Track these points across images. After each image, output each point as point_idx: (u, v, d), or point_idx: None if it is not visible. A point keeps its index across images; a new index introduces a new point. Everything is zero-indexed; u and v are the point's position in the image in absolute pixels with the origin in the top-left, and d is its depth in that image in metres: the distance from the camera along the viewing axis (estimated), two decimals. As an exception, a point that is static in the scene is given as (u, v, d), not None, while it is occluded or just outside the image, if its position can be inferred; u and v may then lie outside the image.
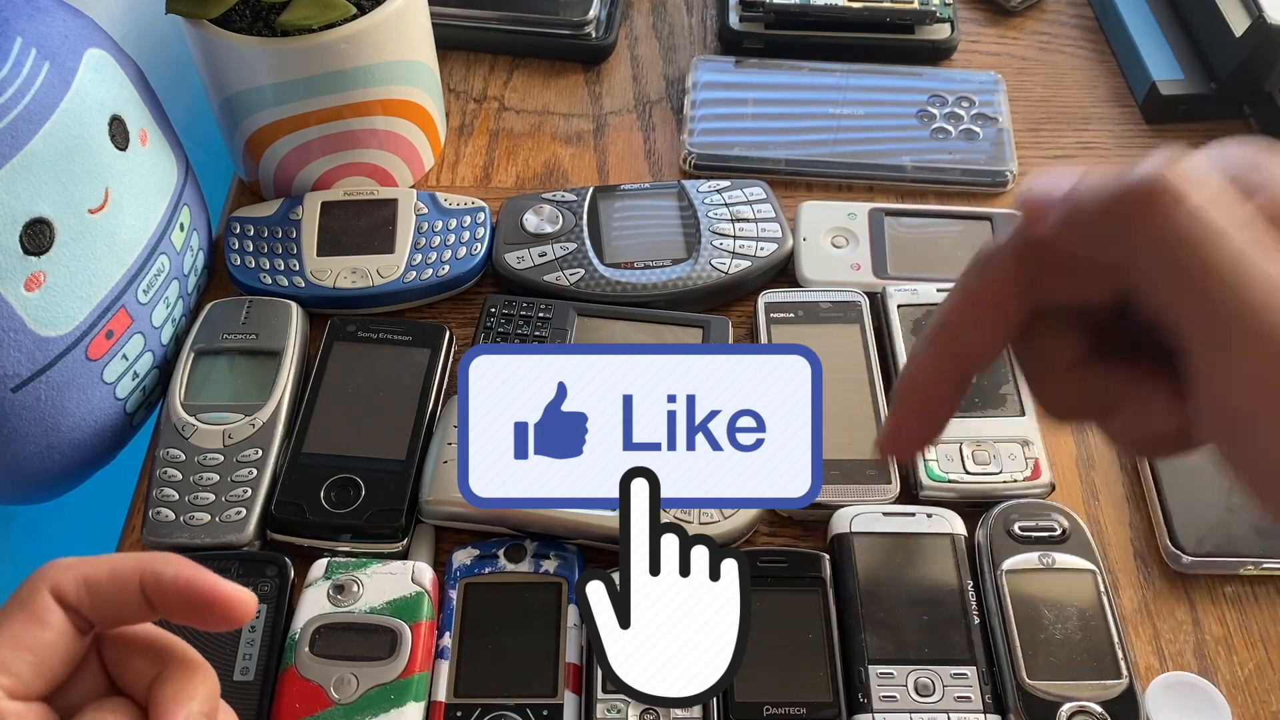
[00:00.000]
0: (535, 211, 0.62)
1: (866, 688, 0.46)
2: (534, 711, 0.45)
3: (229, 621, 0.30)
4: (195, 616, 0.30)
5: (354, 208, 0.62)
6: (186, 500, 0.51)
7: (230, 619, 0.30)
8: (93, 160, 0.49)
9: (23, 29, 0.47)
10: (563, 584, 0.49)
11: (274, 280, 0.60)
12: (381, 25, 0.57)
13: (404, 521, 0.51)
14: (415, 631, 0.47)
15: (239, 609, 0.30)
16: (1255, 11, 0.64)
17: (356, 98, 0.60)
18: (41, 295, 0.47)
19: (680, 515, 0.50)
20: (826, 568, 0.49)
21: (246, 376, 0.56)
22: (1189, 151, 0.24)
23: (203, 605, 0.30)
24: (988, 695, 0.46)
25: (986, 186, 0.66)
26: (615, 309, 0.58)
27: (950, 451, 0.53)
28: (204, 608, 0.30)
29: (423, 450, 0.53)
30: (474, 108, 0.72)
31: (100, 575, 0.29)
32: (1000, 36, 0.77)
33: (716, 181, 0.64)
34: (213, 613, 0.30)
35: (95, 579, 0.29)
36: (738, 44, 0.74)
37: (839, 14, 0.72)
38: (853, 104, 0.70)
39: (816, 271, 0.60)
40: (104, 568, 0.29)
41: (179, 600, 0.29)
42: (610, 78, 0.74)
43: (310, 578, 0.49)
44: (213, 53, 0.58)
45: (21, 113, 0.45)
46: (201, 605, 0.30)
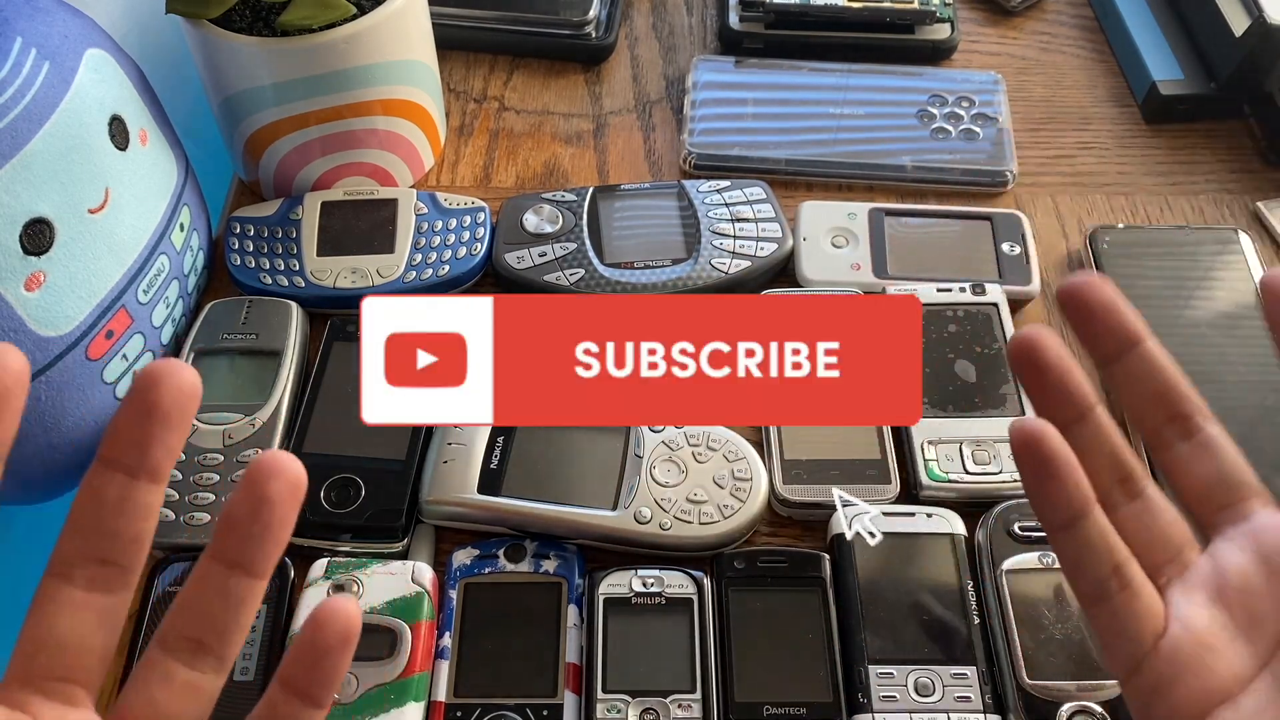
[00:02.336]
0: (535, 211, 0.62)
1: (866, 688, 0.46)
2: (534, 711, 0.45)
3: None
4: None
5: (354, 208, 0.62)
6: (186, 500, 0.51)
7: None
8: (93, 160, 0.49)
9: (23, 29, 0.47)
10: (563, 584, 0.49)
11: (274, 280, 0.60)
12: (381, 25, 0.58)
13: (404, 521, 0.51)
14: (415, 631, 0.47)
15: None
16: (1255, 11, 0.64)
17: (356, 98, 0.60)
18: (41, 295, 0.47)
19: (680, 515, 0.50)
20: (826, 568, 0.49)
21: (246, 376, 0.56)
22: None
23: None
24: (988, 695, 0.46)
25: (986, 186, 0.66)
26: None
27: (950, 451, 0.53)
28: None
29: (423, 450, 0.53)
30: (474, 108, 0.72)
31: None
32: (1000, 36, 0.77)
33: (716, 181, 0.64)
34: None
35: None
36: (738, 44, 0.74)
37: (839, 14, 0.72)
38: (853, 104, 0.70)
39: (817, 271, 0.60)
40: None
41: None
42: (610, 78, 0.74)
43: (310, 578, 0.49)
44: (213, 53, 0.58)
45: (21, 113, 0.45)
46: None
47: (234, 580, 0.27)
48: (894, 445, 0.54)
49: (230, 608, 0.27)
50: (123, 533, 0.26)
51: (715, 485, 0.51)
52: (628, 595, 0.48)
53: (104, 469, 0.26)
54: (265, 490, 0.26)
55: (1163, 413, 0.32)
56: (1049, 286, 0.62)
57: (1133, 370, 0.32)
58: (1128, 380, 0.32)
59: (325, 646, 0.27)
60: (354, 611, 0.27)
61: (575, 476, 0.52)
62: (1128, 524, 0.31)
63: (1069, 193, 0.67)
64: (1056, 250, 0.64)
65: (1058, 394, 0.31)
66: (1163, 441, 0.32)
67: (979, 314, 0.58)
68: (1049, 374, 0.31)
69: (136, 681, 0.27)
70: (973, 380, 0.56)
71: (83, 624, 0.26)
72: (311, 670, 0.28)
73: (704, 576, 0.49)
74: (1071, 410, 0.31)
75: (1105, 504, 0.31)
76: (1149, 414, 0.32)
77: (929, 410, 0.54)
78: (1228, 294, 0.59)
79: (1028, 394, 0.32)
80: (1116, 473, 0.32)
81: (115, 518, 0.26)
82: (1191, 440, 0.32)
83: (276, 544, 0.27)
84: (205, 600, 0.27)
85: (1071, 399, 0.31)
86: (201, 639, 0.27)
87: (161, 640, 0.27)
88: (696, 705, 0.45)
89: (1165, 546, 0.31)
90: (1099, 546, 0.30)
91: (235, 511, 0.27)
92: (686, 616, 0.48)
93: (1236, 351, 0.57)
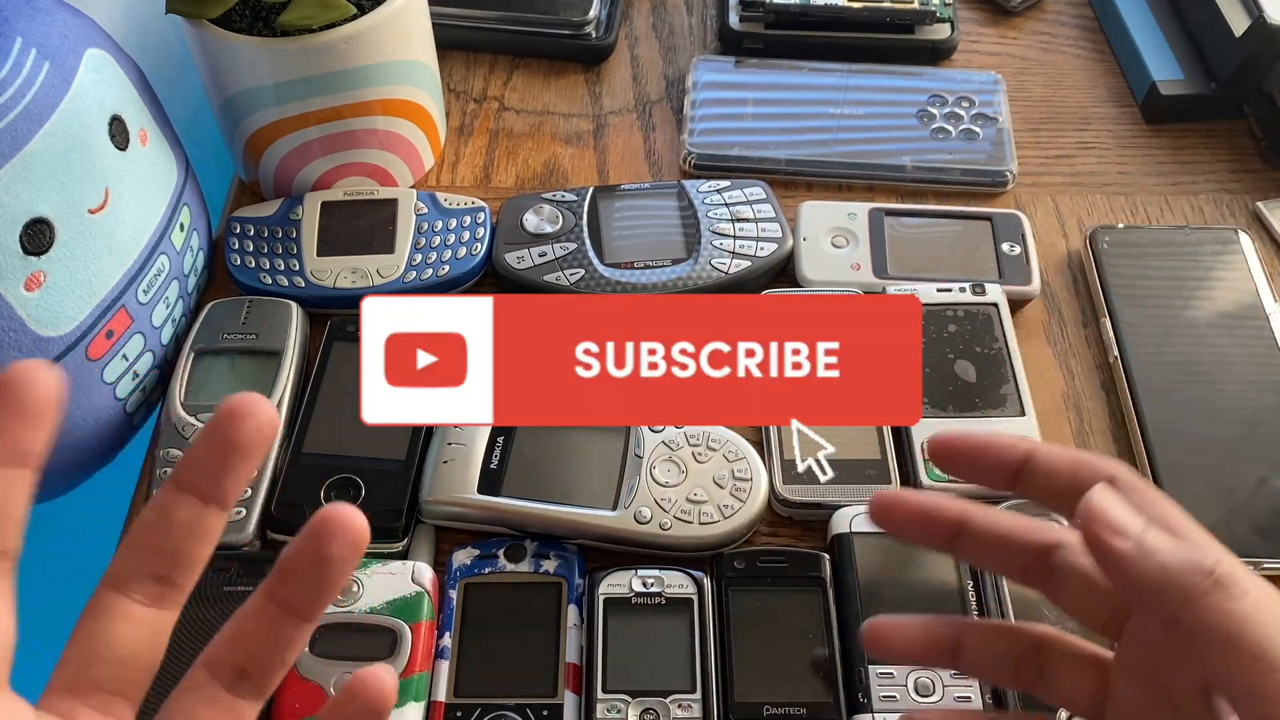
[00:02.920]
0: (535, 211, 0.62)
1: (866, 688, 0.46)
2: (534, 711, 0.45)
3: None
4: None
5: (354, 208, 0.62)
6: (186, 500, 0.51)
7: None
8: (93, 160, 0.49)
9: (23, 29, 0.47)
10: (563, 584, 0.49)
11: (274, 280, 0.60)
12: (381, 25, 0.58)
13: (404, 521, 0.51)
14: (415, 631, 0.47)
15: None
16: (1255, 11, 0.64)
17: (356, 98, 0.60)
18: (41, 295, 0.47)
19: (680, 515, 0.50)
20: (826, 568, 0.49)
21: (246, 376, 0.56)
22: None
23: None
24: (988, 695, 0.46)
25: (986, 186, 0.66)
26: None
27: (950, 451, 0.53)
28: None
29: (423, 450, 0.53)
30: (474, 108, 0.72)
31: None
32: (1000, 36, 0.77)
33: (716, 181, 0.64)
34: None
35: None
36: (738, 44, 0.74)
37: (839, 14, 0.72)
38: (853, 104, 0.70)
39: (816, 271, 0.60)
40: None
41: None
42: (610, 78, 0.74)
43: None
44: (213, 53, 0.58)
45: (21, 113, 0.45)
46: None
47: (286, 623, 0.27)
48: (894, 445, 0.54)
49: (279, 647, 0.28)
50: (186, 553, 0.27)
51: (715, 485, 0.51)
52: (628, 595, 0.48)
53: (177, 491, 0.27)
54: (327, 549, 0.27)
55: (1022, 560, 0.34)
56: (1049, 286, 0.62)
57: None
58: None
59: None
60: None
61: (575, 476, 0.52)
62: (1043, 696, 0.35)
63: (1069, 193, 0.67)
64: (1056, 250, 0.64)
65: (927, 525, 0.34)
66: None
67: (979, 314, 0.58)
68: (910, 522, 0.34)
69: (181, 699, 0.28)
70: (973, 380, 0.56)
71: (136, 638, 0.27)
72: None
73: (704, 576, 0.49)
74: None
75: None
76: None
77: (929, 410, 0.54)
78: (1228, 294, 0.59)
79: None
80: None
81: (183, 539, 0.27)
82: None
83: (331, 595, 0.28)
84: (256, 636, 0.28)
85: (936, 533, 0.34)
86: (247, 669, 0.28)
87: (209, 664, 0.28)
88: (696, 705, 0.45)
89: (1077, 700, 0.34)
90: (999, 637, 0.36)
91: (295, 562, 0.27)
92: (686, 616, 0.48)
93: (1236, 351, 0.57)
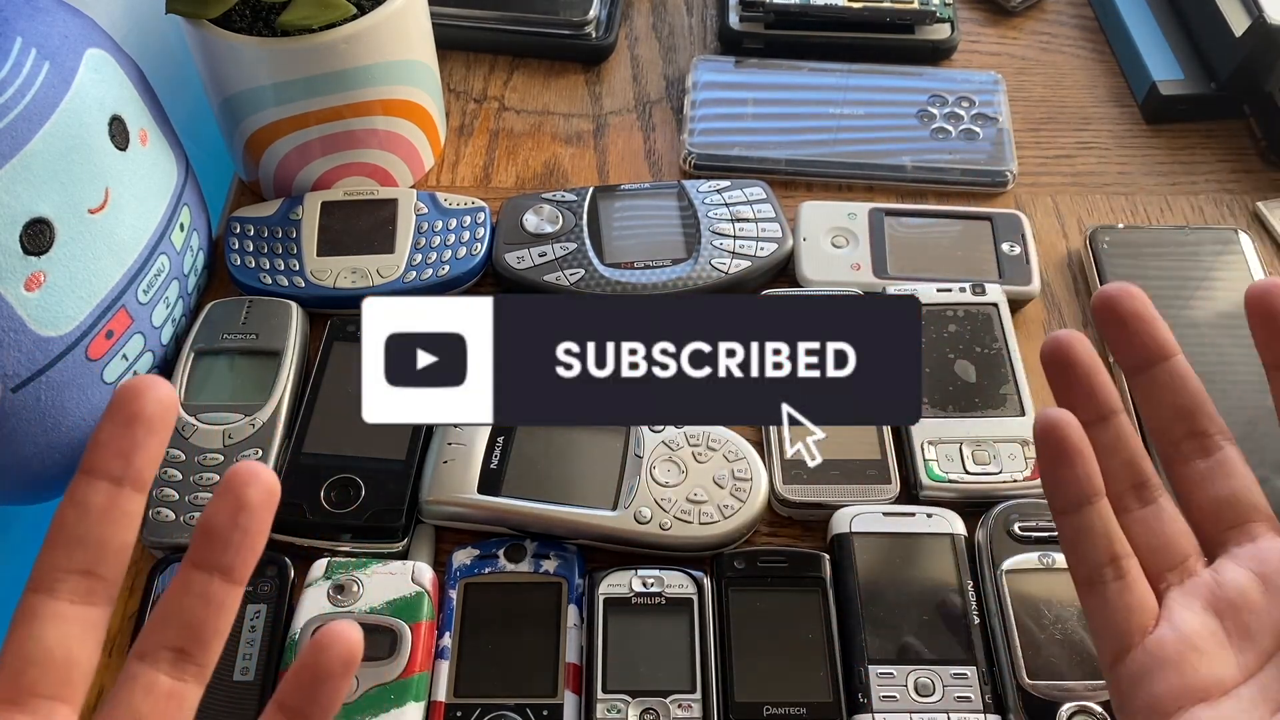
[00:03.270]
0: (535, 211, 0.62)
1: (866, 688, 0.46)
2: (534, 711, 0.45)
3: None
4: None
5: (354, 208, 0.62)
6: (186, 500, 0.51)
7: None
8: (93, 160, 0.49)
9: (23, 29, 0.47)
10: (563, 584, 0.49)
11: (274, 280, 0.60)
12: (381, 25, 0.58)
13: (404, 521, 0.51)
14: (415, 631, 0.47)
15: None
16: (1255, 11, 0.64)
17: (356, 98, 0.60)
18: (41, 295, 0.47)
19: (680, 515, 0.50)
20: (826, 568, 0.49)
21: (246, 376, 0.56)
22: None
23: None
24: (988, 695, 0.46)
25: (986, 186, 0.66)
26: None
27: (950, 451, 0.53)
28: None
29: (423, 450, 0.53)
30: (474, 108, 0.72)
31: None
32: (1000, 36, 0.77)
33: (716, 181, 0.64)
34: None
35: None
36: (738, 44, 0.74)
37: (839, 14, 0.72)
38: (853, 104, 0.70)
39: (816, 271, 0.60)
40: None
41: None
42: (610, 78, 0.74)
43: (310, 578, 0.49)
44: (213, 53, 0.58)
45: (21, 113, 0.45)
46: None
47: (214, 585, 0.27)
48: (894, 445, 0.54)
49: (211, 614, 0.27)
50: (108, 542, 0.27)
51: (715, 485, 0.51)
52: (628, 595, 0.48)
53: (88, 479, 0.27)
54: (243, 496, 0.27)
55: (1183, 428, 0.33)
56: (1049, 286, 0.62)
57: (1159, 383, 0.33)
58: (1153, 392, 0.33)
59: (326, 671, 0.27)
60: (355, 636, 0.27)
61: (575, 476, 0.52)
62: (1136, 528, 0.32)
63: (1069, 193, 0.67)
64: (1056, 250, 0.64)
65: (1083, 396, 0.33)
66: (1180, 456, 0.33)
67: (979, 314, 0.58)
68: (1077, 377, 0.33)
69: (118, 695, 0.27)
70: (973, 380, 0.56)
71: (68, 638, 0.26)
72: (312, 693, 0.28)
73: (704, 576, 0.49)
74: (1094, 412, 0.33)
75: (1117, 506, 0.32)
76: (1170, 428, 0.33)
77: (929, 410, 0.54)
78: (1228, 294, 0.59)
79: (1054, 393, 0.33)
80: (1131, 478, 0.33)
81: (101, 526, 0.26)
82: (1209, 459, 0.33)
83: (254, 549, 0.27)
84: (186, 607, 0.27)
85: (1095, 402, 0.33)
86: (183, 647, 0.27)
87: (141, 652, 0.27)
88: (696, 705, 0.45)
89: (1170, 554, 0.32)
90: (1099, 534, 0.32)
91: (214, 519, 0.27)
92: (686, 616, 0.48)
93: (1236, 351, 0.57)
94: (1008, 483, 0.52)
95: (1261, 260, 0.61)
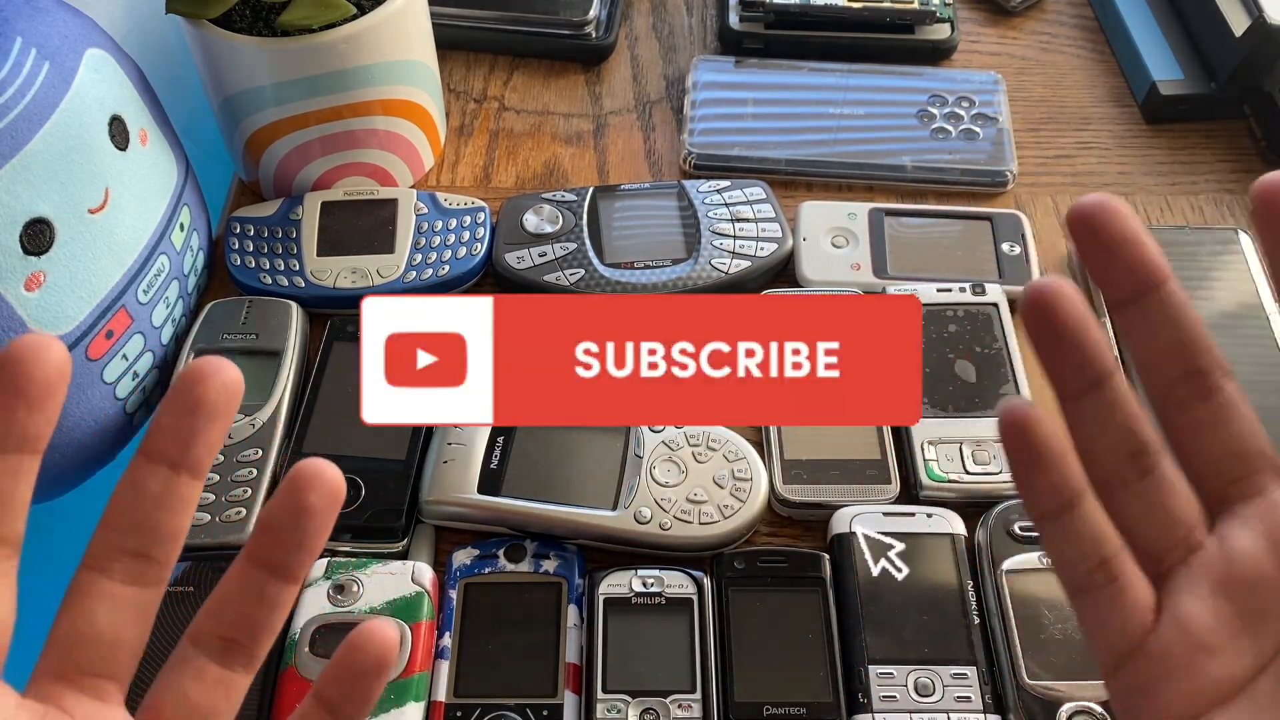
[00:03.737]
0: (535, 211, 0.62)
1: (866, 688, 0.46)
2: (534, 711, 0.45)
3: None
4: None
5: (354, 208, 0.62)
6: (186, 500, 0.51)
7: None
8: (93, 160, 0.49)
9: (23, 29, 0.47)
10: (563, 584, 0.49)
11: (274, 280, 0.60)
12: (381, 25, 0.58)
13: (404, 521, 0.51)
14: (415, 631, 0.47)
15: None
16: (1255, 11, 0.64)
17: (356, 98, 0.60)
18: (41, 295, 0.47)
19: (680, 515, 0.50)
20: (826, 568, 0.49)
21: (246, 376, 0.55)
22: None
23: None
24: (988, 695, 0.46)
25: (986, 186, 0.66)
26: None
27: (950, 451, 0.53)
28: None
29: (423, 450, 0.53)
30: (474, 108, 0.72)
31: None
32: (1000, 36, 0.77)
33: (716, 181, 0.64)
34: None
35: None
36: (738, 44, 0.74)
37: (839, 14, 0.72)
38: (853, 104, 0.70)
39: (816, 271, 0.60)
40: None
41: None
42: (610, 78, 0.74)
43: (310, 578, 0.49)
44: (213, 53, 0.58)
45: (21, 113, 0.45)
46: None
47: (270, 584, 0.27)
48: (894, 445, 0.54)
49: (264, 610, 0.27)
50: (162, 526, 0.27)
51: (715, 485, 0.51)
52: (628, 595, 0.48)
53: (146, 462, 0.26)
54: (305, 500, 0.27)
55: (1179, 367, 0.28)
56: (1049, 286, 0.62)
57: (1151, 316, 0.28)
58: (1144, 326, 0.28)
59: (361, 669, 0.27)
60: (392, 636, 0.27)
61: (575, 476, 0.52)
62: (1134, 505, 0.28)
63: (1069, 193, 0.67)
64: (1056, 250, 0.64)
65: (1073, 356, 0.27)
66: (1175, 401, 0.28)
67: (979, 314, 0.58)
68: (1065, 333, 0.27)
69: (168, 677, 0.27)
70: (973, 380, 0.56)
71: (119, 618, 0.26)
72: (348, 690, 0.28)
73: (704, 576, 0.49)
74: (1087, 376, 0.28)
75: (1113, 480, 0.28)
76: (1164, 368, 0.28)
77: (929, 410, 0.54)
78: (1228, 294, 0.59)
79: (1038, 354, 0.28)
80: (1129, 446, 0.28)
81: (156, 510, 0.26)
82: (1208, 402, 0.28)
83: (313, 551, 0.27)
84: (241, 602, 0.27)
85: (1088, 363, 0.27)
86: (235, 638, 0.27)
87: (194, 638, 0.27)
88: (696, 705, 0.45)
89: (1173, 529, 0.28)
90: (1086, 539, 0.28)
91: (275, 518, 0.27)
92: (686, 616, 0.48)
93: (1237, 352, 0.57)
94: (1008, 483, 0.52)
95: (1262, 260, 0.61)
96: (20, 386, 0.24)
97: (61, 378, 0.25)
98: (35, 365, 0.24)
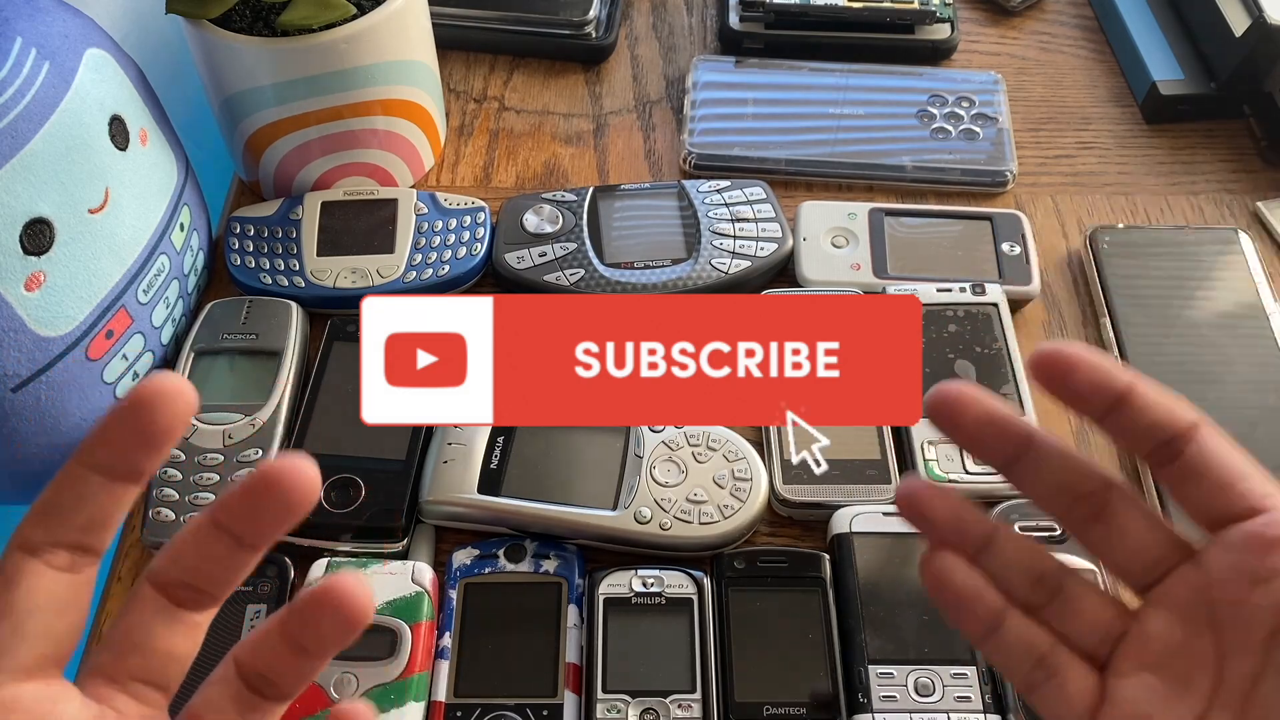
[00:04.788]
0: (535, 211, 0.62)
1: (866, 688, 0.46)
2: (534, 711, 0.45)
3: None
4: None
5: (354, 208, 0.62)
6: (186, 500, 0.51)
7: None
8: (93, 160, 0.49)
9: (23, 29, 0.47)
10: (563, 584, 0.49)
11: (274, 280, 0.60)
12: (381, 25, 0.58)
13: (404, 521, 0.51)
14: (415, 631, 0.47)
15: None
16: (1255, 11, 0.64)
17: (356, 98, 0.60)
18: (41, 295, 0.47)
19: (680, 515, 0.50)
20: (826, 568, 0.49)
21: (246, 376, 0.56)
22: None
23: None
24: (988, 695, 0.46)
25: (986, 186, 0.66)
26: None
27: (950, 451, 0.53)
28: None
29: (423, 450, 0.53)
30: (474, 108, 0.72)
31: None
32: (1000, 36, 0.77)
33: (716, 181, 0.64)
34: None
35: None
36: (738, 44, 0.74)
37: (839, 14, 0.72)
38: (853, 104, 0.70)
39: (816, 271, 0.60)
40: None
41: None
42: (610, 78, 0.74)
43: (310, 578, 0.49)
44: (213, 53, 0.58)
45: (21, 113, 0.45)
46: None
47: (296, 655, 0.28)
48: (894, 445, 0.54)
49: (295, 668, 0.28)
50: (214, 567, 0.27)
51: (715, 485, 0.51)
52: (628, 595, 0.48)
53: (216, 513, 0.27)
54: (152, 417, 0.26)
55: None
56: (1049, 286, 0.62)
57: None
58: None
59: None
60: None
61: (575, 476, 0.52)
62: (1053, 618, 0.32)
63: (1069, 193, 0.67)
64: (1056, 250, 0.64)
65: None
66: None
67: (979, 314, 0.58)
68: (980, 422, 0.31)
69: (209, 691, 0.28)
70: (973, 380, 0.56)
71: (174, 635, 0.27)
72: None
73: (704, 576, 0.49)
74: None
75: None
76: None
77: (929, 410, 0.54)
78: (1228, 294, 0.59)
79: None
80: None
81: (208, 545, 0.27)
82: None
83: (353, 629, 0.29)
84: (272, 651, 0.28)
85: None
86: (269, 677, 0.28)
87: (238, 660, 0.28)
88: (696, 705, 0.45)
89: (1093, 630, 0.31)
90: (1016, 648, 0.31)
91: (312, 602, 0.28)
92: (686, 616, 0.48)
93: (1236, 351, 0.57)
94: (1007, 483, 0.52)
95: (1261, 260, 0.61)
96: (144, 428, 0.25)
97: (182, 424, 0.26)
98: (161, 411, 0.25)
